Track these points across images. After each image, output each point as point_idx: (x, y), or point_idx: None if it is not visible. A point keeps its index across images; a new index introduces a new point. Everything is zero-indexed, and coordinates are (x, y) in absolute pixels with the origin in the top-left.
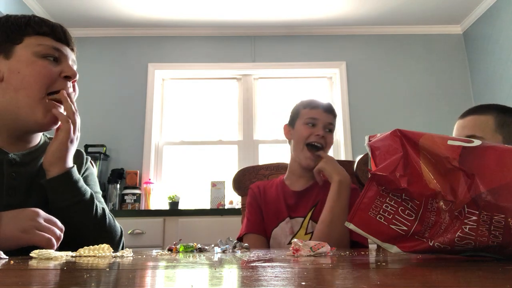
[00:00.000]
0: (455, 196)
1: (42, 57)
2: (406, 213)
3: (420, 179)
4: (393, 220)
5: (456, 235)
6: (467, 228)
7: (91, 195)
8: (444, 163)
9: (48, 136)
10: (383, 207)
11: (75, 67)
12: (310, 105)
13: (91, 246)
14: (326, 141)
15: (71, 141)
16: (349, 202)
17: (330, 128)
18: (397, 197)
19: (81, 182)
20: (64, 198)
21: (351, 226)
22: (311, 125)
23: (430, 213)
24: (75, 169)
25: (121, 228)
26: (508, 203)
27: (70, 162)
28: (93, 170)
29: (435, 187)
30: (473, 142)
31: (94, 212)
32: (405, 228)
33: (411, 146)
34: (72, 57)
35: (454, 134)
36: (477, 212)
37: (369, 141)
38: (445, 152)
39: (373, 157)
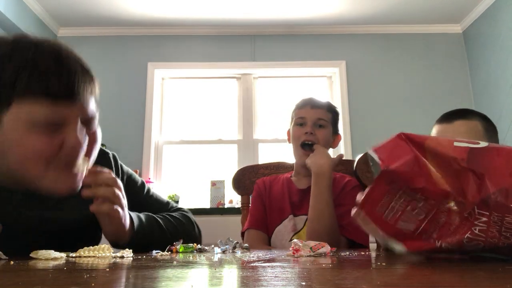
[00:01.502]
0: (465, 197)
1: (36, 126)
2: (415, 212)
3: (431, 180)
4: (399, 220)
5: (465, 237)
6: (477, 230)
7: (159, 227)
8: (452, 164)
9: None
10: (391, 205)
11: (91, 109)
12: (298, 106)
13: (91, 247)
14: (317, 137)
15: (120, 210)
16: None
17: (320, 124)
18: (407, 195)
19: (148, 224)
20: (141, 245)
21: (361, 216)
22: (300, 125)
23: (442, 213)
24: (140, 226)
25: (189, 217)
26: None
27: (129, 220)
28: (125, 168)
29: (446, 188)
30: (479, 143)
31: (166, 233)
32: (411, 228)
33: (417, 148)
34: (84, 115)
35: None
36: (487, 213)
37: (373, 148)
38: (452, 153)
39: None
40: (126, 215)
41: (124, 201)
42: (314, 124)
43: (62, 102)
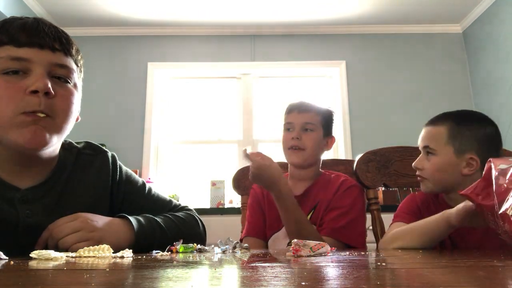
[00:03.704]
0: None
1: (2, 74)
2: (493, 223)
3: (488, 197)
4: (497, 229)
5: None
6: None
7: (161, 228)
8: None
9: (67, 142)
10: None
11: (63, 71)
12: (287, 110)
13: (91, 247)
14: (304, 141)
15: (90, 235)
16: (353, 200)
17: (308, 128)
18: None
19: (148, 227)
20: (143, 248)
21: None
22: (289, 130)
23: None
24: (140, 230)
25: (193, 215)
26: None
27: (125, 230)
28: (124, 168)
29: (495, 201)
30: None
31: (168, 233)
32: (499, 231)
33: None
34: (53, 61)
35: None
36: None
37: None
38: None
39: None
40: (105, 232)
41: (95, 223)
42: (302, 129)
43: (28, 48)
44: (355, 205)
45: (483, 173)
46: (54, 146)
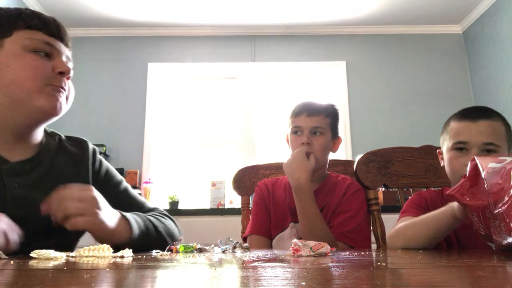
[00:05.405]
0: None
1: (32, 52)
2: (478, 220)
3: (475, 196)
4: (479, 229)
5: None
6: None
7: (155, 227)
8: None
9: (49, 130)
10: (475, 221)
11: (70, 65)
12: (294, 113)
13: (90, 247)
14: (314, 146)
15: (98, 218)
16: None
17: (317, 131)
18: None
19: (140, 227)
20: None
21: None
22: (297, 134)
23: (490, 220)
24: (134, 228)
25: (170, 216)
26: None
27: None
28: (105, 162)
29: (489, 200)
30: (505, 160)
31: (162, 233)
32: (483, 233)
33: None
34: (66, 53)
35: (452, 135)
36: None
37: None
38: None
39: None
40: (107, 218)
41: (101, 205)
42: (311, 132)
43: (54, 38)
44: (361, 209)
45: (467, 172)
46: (49, 122)
